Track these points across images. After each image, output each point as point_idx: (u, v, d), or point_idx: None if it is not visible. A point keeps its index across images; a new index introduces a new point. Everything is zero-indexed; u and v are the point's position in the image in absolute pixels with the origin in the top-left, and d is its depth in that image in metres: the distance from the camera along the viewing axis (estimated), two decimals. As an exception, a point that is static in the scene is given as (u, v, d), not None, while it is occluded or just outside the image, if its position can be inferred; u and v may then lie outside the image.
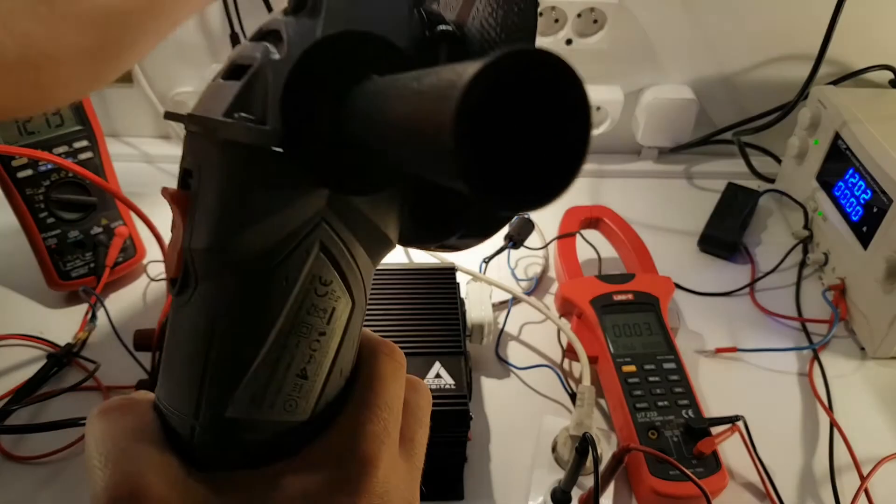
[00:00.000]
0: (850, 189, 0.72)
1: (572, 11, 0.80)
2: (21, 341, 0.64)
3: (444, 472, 0.56)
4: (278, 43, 0.21)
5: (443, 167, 0.15)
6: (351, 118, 0.20)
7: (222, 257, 0.21)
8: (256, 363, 0.21)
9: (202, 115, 0.21)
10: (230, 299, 0.21)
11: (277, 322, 0.21)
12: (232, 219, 0.21)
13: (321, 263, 0.22)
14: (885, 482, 0.57)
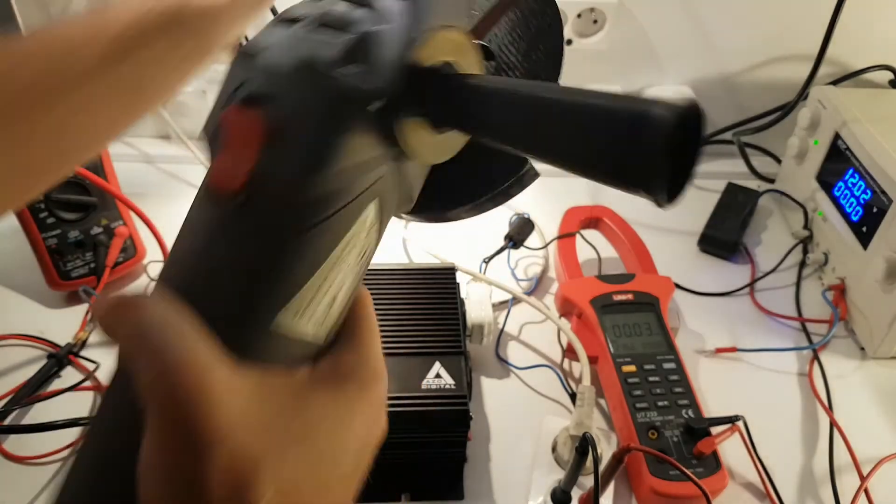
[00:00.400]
0: (849, 189, 0.72)
1: (572, 12, 0.80)
2: (21, 341, 0.64)
3: (444, 472, 0.56)
4: (382, 11, 0.24)
5: (631, 179, 0.20)
6: (474, 103, 0.24)
7: (302, 191, 0.22)
8: (305, 286, 0.23)
9: (309, 56, 0.23)
10: (298, 230, 0.23)
11: (332, 255, 0.24)
12: (322, 159, 0.22)
13: (374, 211, 0.25)
14: (885, 482, 0.57)
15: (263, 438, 0.21)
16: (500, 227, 0.77)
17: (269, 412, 0.22)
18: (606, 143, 0.21)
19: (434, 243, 0.76)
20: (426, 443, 0.53)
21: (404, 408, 0.51)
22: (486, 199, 0.29)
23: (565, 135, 0.22)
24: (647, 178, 0.20)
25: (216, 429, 0.20)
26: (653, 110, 0.20)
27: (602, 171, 0.22)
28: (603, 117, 0.21)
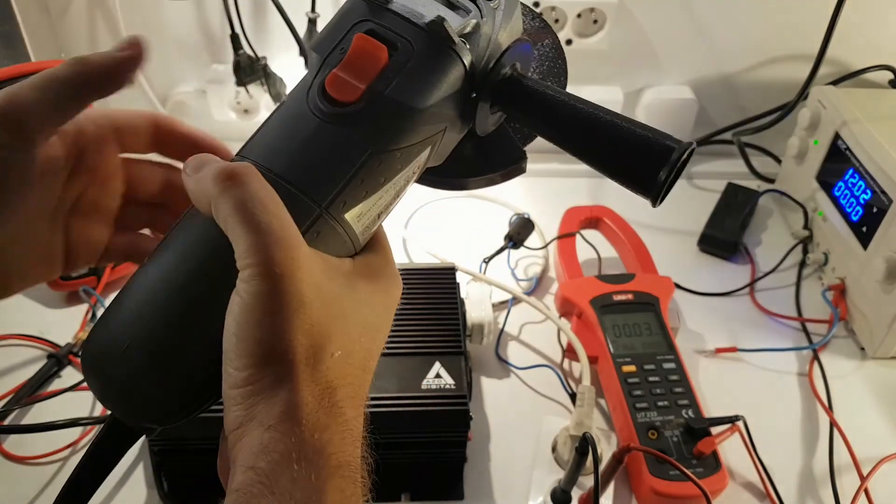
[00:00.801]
0: (849, 189, 0.72)
1: (572, 12, 0.80)
2: (21, 341, 0.64)
3: (444, 471, 0.56)
4: (486, 13, 0.31)
5: (642, 178, 0.31)
6: (523, 91, 0.32)
7: (403, 116, 0.29)
8: (374, 195, 0.29)
9: (439, 22, 0.29)
10: (388, 148, 0.29)
11: (397, 176, 0.30)
12: (424, 96, 0.29)
13: (426, 155, 0.31)
14: (885, 482, 0.57)
15: (332, 309, 0.26)
16: (500, 227, 0.77)
17: (333, 289, 0.27)
18: (633, 157, 0.30)
19: (434, 243, 0.76)
20: (426, 443, 0.53)
21: (405, 408, 0.51)
22: (485, 178, 0.36)
23: (602, 143, 0.31)
24: (656, 186, 0.30)
25: (302, 295, 0.25)
26: (669, 143, 0.29)
27: (622, 174, 0.31)
28: (636, 139, 0.30)
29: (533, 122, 0.33)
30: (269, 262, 0.24)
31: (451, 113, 0.31)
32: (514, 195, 0.85)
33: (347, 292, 0.28)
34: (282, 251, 0.25)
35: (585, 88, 0.86)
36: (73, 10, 0.80)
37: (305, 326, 0.25)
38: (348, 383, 0.26)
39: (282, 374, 0.24)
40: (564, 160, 0.91)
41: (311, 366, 0.25)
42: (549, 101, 0.32)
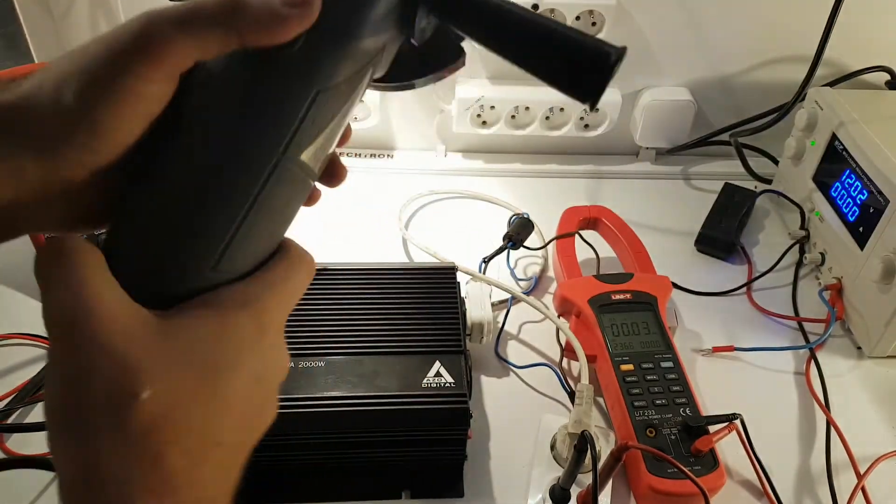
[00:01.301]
0: (846, 189, 0.72)
1: (571, 13, 0.80)
2: (24, 340, 0.65)
3: (444, 469, 0.56)
4: None
5: (580, 82, 0.30)
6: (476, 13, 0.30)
7: (347, 45, 0.28)
8: (330, 126, 0.29)
9: None
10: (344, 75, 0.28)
11: (345, 106, 0.29)
12: (363, 22, 0.28)
13: (369, 75, 0.30)
14: (882, 480, 0.57)
15: (145, 353, 0.24)
16: (500, 228, 0.77)
17: (152, 332, 0.24)
18: (571, 62, 0.29)
19: (434, 243, 0.76)
20: (426, 440, 0.54)
21: (405, 406, 0.52)
22: (424, 79, 0.35)
23: (540, 50, 0.30)
24: (594, 89, 0.29)
25: (100, 341, 0.23)
26: (607, 48, 0.29)
27: (559, 79, 0.30)
28: (574, 44, 0.29)
29: (470, 29, 0.32)
30: (64, 311, 0.24)
31: (390, 31, 0.30)
32: (513, 195, 0.85)
33: (180, 332, 0.25)
34: (79, 301, 0.24)
35: (584, 89, 0.86)
36: (75, 11, 0.81)
37: (105, 373, 0.23)
38: (177, 428, 0.24)
39: (78, 437, 0.23)
40: (563, 161, 0.92)
41: (111, 416, 0.23)
42: (486, 7, 0.31)
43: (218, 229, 0.27)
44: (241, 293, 0.27)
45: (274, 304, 0.28)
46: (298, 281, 0.29)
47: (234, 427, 0.26)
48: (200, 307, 0.26)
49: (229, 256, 0.27)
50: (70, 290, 0.24)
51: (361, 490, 0.54)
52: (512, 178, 0.89)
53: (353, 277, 0.61)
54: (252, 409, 0.27)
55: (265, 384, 0.27)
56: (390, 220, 0.80)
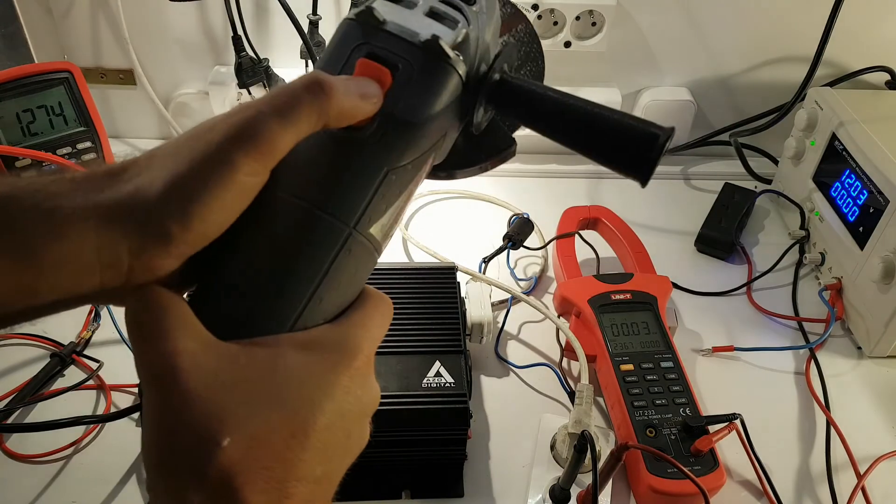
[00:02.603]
0: (846, 189, 0.72)
1: (571, 14, 0.81)
2: (24, 340, 0.65)
3: (444, 469, 0.56)
4: (471, 20, 0.33)
5: (631, 164, 0.32)
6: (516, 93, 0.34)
7: (414, 130, 0.31)
8: (396, 203, 0.31)
9: (433, 40, 0.31)
10: (403, 162, 0.31)
11: (409, 186, 0.32)
12: (429, 110, 0.31)
13: (432, 159, 0.33)
14: (882, 480, 0.57)
15: (228, 396, 0.25)
16: (500, 228, 0.77)
17: (237, 376, 0.25)
18: (624, 145, 0.32)
19: (434, 243, 0.76)
20: (426, 440, 0.54)
21: (405, 406, 0.52)
22: (482, 165, 0.38)
23: (594, 134, 0.33)
24: (644, 169, 0.32)
25: (184, 392, 0.24)
26: (654, 130, 0.31)
27: (614, 161, 0.33)
28: (625, 128, 0.32)
29: (526, 119, 0.35)
30: (149, 368, 0.25)
31: (452, 121, 0.33)
32: (513, 196, 0.85)
33: (266, 374, 0.26)
34: (159, 358, 0.25)
35: (584, 90, 0.86)
36: (75, 12, 0.81)
37: (190, 420, 0.24)
38: (257, 468, 0.24)
39: (168, 480, 0.25)
40: (563, 161, 0.92)
41: (195, 463, 0.24)
42: (541, 100, 0.34)
43: (296, 296, 0.29)
44: (326, 331, 0.29)
45: (358, 340, 0.29)
46: (379, 316, 0.30)
47: (318, 462, 0.26)
48: (285, 343, 0.27)
49: (303, 320, 0.29)
50: (156, 343, 0.25)
51: (361, 490, 0.54)
52: (512, 178, 0.89)
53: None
54: (336, 442, 0.27)
55: (352, 418, 0.28)
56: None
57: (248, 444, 0.24)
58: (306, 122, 0.27)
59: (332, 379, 0.27)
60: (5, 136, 0.69)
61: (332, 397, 0.27)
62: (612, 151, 0.33)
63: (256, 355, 0.26)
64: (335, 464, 0.28)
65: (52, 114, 0.71)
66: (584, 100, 0.33)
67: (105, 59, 0.85)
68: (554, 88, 0.34)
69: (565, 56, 0.84)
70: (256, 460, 0.24)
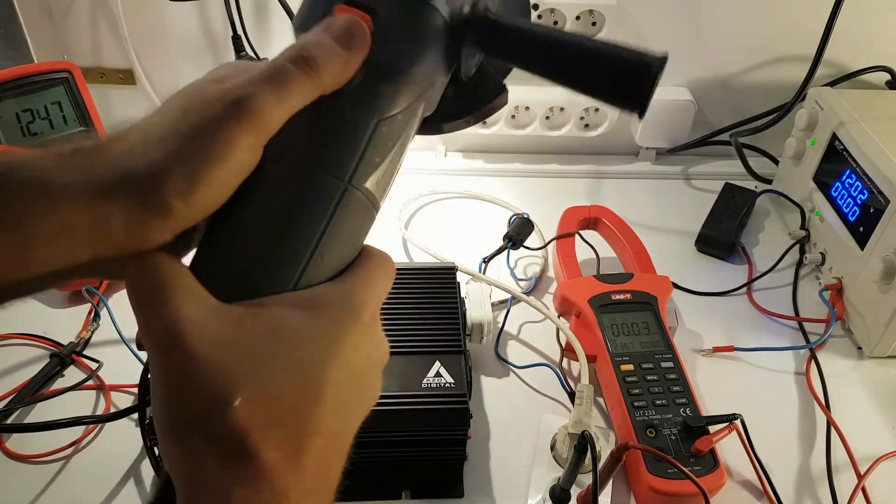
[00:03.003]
0: (846, 189, 0.72)
1: (571, 13, 0.80)
2: (24, 340, 0.65)
3: (444, 470, 0.56)
4: None
5: (627, 94, 0.30)
6: (504, 31, 0.32)
7: (401, 78, 0.30)
8: (389, 155, 0.30)
9: None
10: (400, 106, 0.30)
11: (402, 137, 0.31)
12: (415, 56, 0.30)
13: (421, 109, 0.32)
14: (883, 481, 0.57)
15: (236, 356, 0.25)
16: (500, 228, 0.77)
17: (243, 338, 0.26)
18: (616, 76, 0.30)
19: (434, 243, 0.76)
20: (426, 441, 0.54)
21: (405, 406, 0.52)
22: (473, 116, 0.36)
23: (585, 69, 0.31)
24: (639, 99, 0.30)
25: (192, 355, 0.24)
26: (647, 59, 0.30)
27: (607, 93, 0.31)
28: (617, 59, 0.30)
29: (516, 58, 0.34)
30: (156, 334, 0.25)
31: (439, 64, 0.32)
32: (513, 195, 0.85)
33: (274, 333, 0.26)
34: (166, 323, 0.25)
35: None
36: (75, 12, 0.81)
37: (200, 384, 0.24)
38: (270, 425, 0.25)
39: (181, 444, 0.25)
40: (563, 161, 0.92)
41: (208, 425, 0.24)
42: (531, 35, 0.33)
43: (297, 255, 0.28)
44: (330, 289, 0.29)
45: (363, 296, 0.29)
46: (382, 274, 0.30)
47: (331, 416, 0.27)
48: (290, 303, 0.27)
49: (306, 278, 0.29)
50: (159, 310, 0.25)
51: (361, 490, 0.54)
52: (512, 178, 0.89)
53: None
54: (349, 396, 0.28)
55: (362, 371, 0.28)
56: (390, 220, 0.80)
57: (259, 402, 0.25)
58: (300, 96, 0.28)
59: (340, 335, 0.27)
60: (5, 136, 0.68)
61: (341, 353, 0.27)
62: (605, 83, 0.32)
63: (261, 316, 0.26)
64: (349, 416, 0.28)
65: (51, 114, 0.71)
66: (573, 33, 0.32)
67: (105, 58, 0.84)
68: (541, 24, 0.33)
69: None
70: (269, 417, 0.25)
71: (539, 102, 0.86)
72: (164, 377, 0.25)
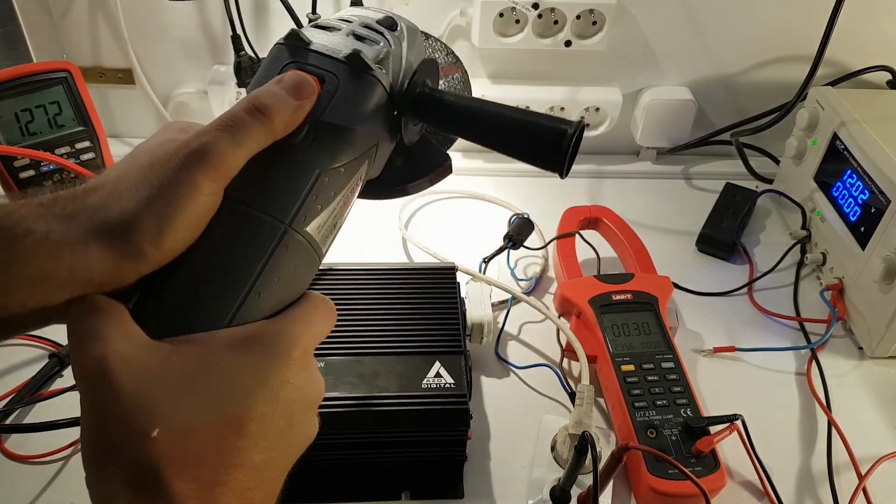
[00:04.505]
0: (847, 189, 0.72)
1: (572, 13, 0.80)
2: (23, 341, 0.64)
3: (444, 470, 0.56)
4: (392, 42, 0.37)
5: (547, 158, 0.35)
6: (438, 103, 0.37)
7: (344, 136, 0.33)
8: (331, 204, 0.33)
9: (355, 54, 0.34)
10: (335, 165, 0.33)
11: (345, 188, 0.34)
12: (357, 117, 0.34)
13: (365, 168, 0.35)
14: (884, 481, 0.57)
15: (159, 389, 0.26)
16: (500, 228, 0.77)
17: (167, 373, 0.27)
18: (537, 142, 0.35)
19: (434, 243, 0.76)
20: (426, 441, 0.54)
21: (405, 406, 0.52)
22: (418, 182, 0.40)
23: (510, 135, 0.36)
24: (558, 162, 0.35)
25: (114, 387, 0.25)
26: (563, 126, 0.34)
27: (531, 156, 0.36)
28: (537, 127, 0.35)
29: (450, 127, 0.38)
30: (81, 366, 0.26)
31: (380, 128, 0.35)
32: (513, 195, 0.85)
33: (197, 368, 0.27)
34: (91, 359, 0.26)
35: (584, 89, 0.86)
36: (74, 12, 0.81)
37: (118, 414, 0.25)
38: (187, 457, 0.25)
39: (98, 475, 0.26)
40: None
41: (124, 455, 0.25)
42: (461, 108, 0.37)
43: (233, 291, 0.30)
44: (262, 325, 0.30)
45: (294, 333, 0.30)
46: (319, 315, 0.32)
47: (254, 449, 0.27)
48: (220, 339, 0.29)
49: (242, 315, 0.30)
50: (88, 347, 0.26)
51: (361, 490, 0.54)
52: (512, 178, 0.89)
53: (353, 278, 0.61)
54: (277, 430, 0.28)
55: (291, 406, 0.29)
56: (390, 220, 0.80)
57: (176, 435, 0.25)
58: (254, 141, 0.30)
59: (266, 370, 0.28)
60: (4, 135, 0.68)
61: (268, 387, 0.28)
62: (529, 149, 0.36)
63: (188, 352, 0.28)
64: (277, 452, 0.28)
65: (50, 113, 0.71)
66: (500, 104, 0.36)
67: (104, 58, 0.84)
68: (475, 98, 0.38)
69: (565, 55, 0.84)
70: (186, 450, 0.25)
71: (539, 102, 0.86)
72: (88, 409, 0.26)
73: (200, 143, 0.29)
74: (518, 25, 0.82)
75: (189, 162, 0.28)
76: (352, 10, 0.40)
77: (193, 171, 0.28)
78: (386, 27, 0.38)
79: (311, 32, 0.36)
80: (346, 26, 0.37)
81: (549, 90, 0.86)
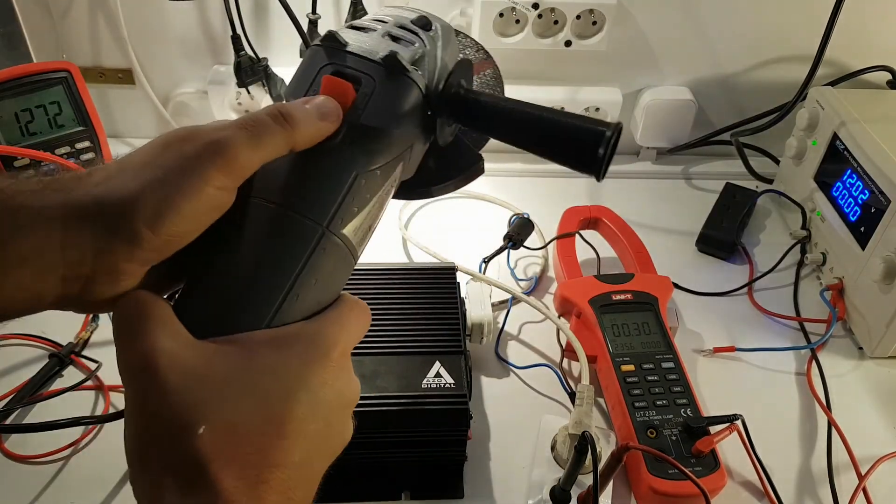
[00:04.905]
0: (847, 189, 0.72)
1: (572, 13, 0.80)
2: (23, 341, 0.64)
3: (444, 470, 0.56)
4: (427, 43, 0.37)
5: (584, 161, 0.35)
6: (474, 104, 0.37)
7: (379, 138, 0.33)
8: (367, 207, 0.33)
9: (392, 55, 0.34)
10: (371, 168, 0.33)
11: (380, 191, 0.34)
12: (393, 119, 0.34)
13: (400, 170, 0.35)
14: (884, 481, 0.57)
15: (204, 387, 0.26)
16: (500, 228, 0.77)
17: (212, 372, 0.27)
18: (575, 143, 0.35)
19: (434, 243, 0.76)
20: (426, 441, 0.54)
21: (405, 406, 0.52)
22: (452, 182, 0.40)
23: (548, 136, 0.36)
24: (597, 165, 0.34)
25: (161, 384, 0.25)
26: (600, 128, 0.34)
27: (568, 158, 0.35)
28: (575, 128, 0.35)
29: (486, 128, 0.38)
30: (128, 366, 0.26)
31: (415, 130, 0.35)
32: (513, 195, 0.85)
33: (239, 366, 0.27)
34: (138, 357, 0.26)
35: (584, 89, 0.86)
36: (74, 12, 0.81)
37: (165, 413, 0.25)
38: (232, 455, 0.25)
39: (146, 471, 0.26)
40: (564, 161, 0.91)
41: (171, 452, 0.25)
42: (497, 109, 0.37)
43: (272, 294, 0.30)
44: (301, 326, 0.30)
45: (332, 334, 0.30)
46: (355, 317, 0.32)
47: (294, 449, 0.27)
48: (261, 339, 0.29)
49: (281, 317, 0.30)
50: (136, 342, 0.26)
51: (361, 491, 0.54)
52: (512, 178, 0.89)
53: (353, 278, 0.60)
54: (315, 431, 0.28)
55: (329, 408, 0.29)
56: (390, 220, 0.80)
57: (222, 432, 0.25)
58: (273, 147, 0.30)
59: (306, 371, 0.28)
60: (4, 135, 0.68)
61: (308, 388, 0.28)
62: (565, 151, 0.35)
63: (231, 352, 0.28)
64: (315, 452, 0.29)
65: (50, 113, 0.71)
66: (537, 105, 0.36)
67: (104, 58, 0.84)
68: (509, 98, 0.37)
69: (566, 55, 0.84)
70: (231, 448, 0.25)
71: (539, 102, 0.84)
72: (134, 405, 0.26)
73: (218, 137, 0.28)
74: (518, 25, 0.82)
75: (203, 152, 0.28)
76: (387, 9, 0.40)
77: (206, 162, 0.27)
78: (420, 27, 0.37)
79: (347, 33, 0.36)
80: (382, 27, 0.37)
81: (548, 90, 0.86)
